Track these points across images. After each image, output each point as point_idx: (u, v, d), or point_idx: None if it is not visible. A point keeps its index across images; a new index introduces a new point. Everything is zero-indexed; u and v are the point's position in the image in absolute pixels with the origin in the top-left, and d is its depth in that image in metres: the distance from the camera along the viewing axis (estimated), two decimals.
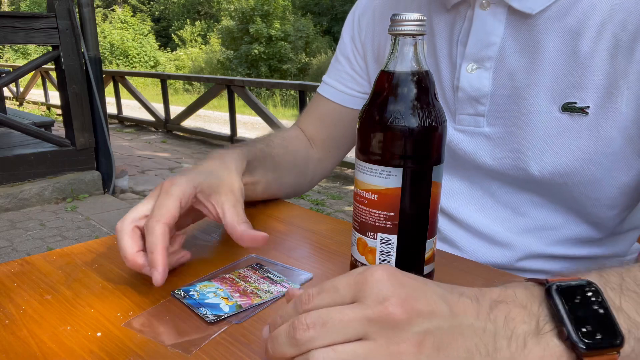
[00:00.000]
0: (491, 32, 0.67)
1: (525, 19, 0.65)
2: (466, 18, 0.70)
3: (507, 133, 0.68)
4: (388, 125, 0.49)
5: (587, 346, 0.34)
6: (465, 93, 0.70)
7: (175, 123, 7.23)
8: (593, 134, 0.62)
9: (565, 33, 0.62)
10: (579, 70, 0.62)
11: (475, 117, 0.71)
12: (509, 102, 0.67)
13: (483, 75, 0.69)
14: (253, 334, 0.48)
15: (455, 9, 0.71)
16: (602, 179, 0.64)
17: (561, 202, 0.69)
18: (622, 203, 0.67)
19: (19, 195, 3.79)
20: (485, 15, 0.67)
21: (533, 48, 0.65)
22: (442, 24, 0.73)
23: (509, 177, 0.70)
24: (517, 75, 0.66)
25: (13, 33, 3.70)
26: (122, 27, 21.60)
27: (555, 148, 0.64)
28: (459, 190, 0.76)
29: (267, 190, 0.80)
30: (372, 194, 0.51)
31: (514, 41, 0.66)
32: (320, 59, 16.92)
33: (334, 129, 0.90)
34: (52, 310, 0.52)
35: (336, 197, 4.40)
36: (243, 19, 17.93)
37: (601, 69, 0.60)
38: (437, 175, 0.51)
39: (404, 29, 0.49)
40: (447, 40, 0.73)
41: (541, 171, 0.66)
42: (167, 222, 0.55)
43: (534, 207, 0.70)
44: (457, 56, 0.71)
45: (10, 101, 10.53)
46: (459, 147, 0.73)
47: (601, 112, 0.61)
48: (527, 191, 0.70)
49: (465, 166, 0.73)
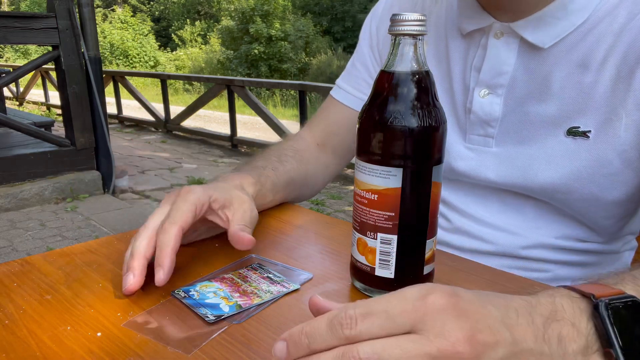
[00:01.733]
0: (504, 62, 0.71)
1: (536, 52, 0.68)
2: (480, 45, 0.73)
3: (513, 153, 0.72)
4: (388, 125, 0.49)
5: None
6: (476, 116, 0.74)
7: (175, 123, 7.23)
8: (593, 157, 0.66)
9: (572, 65, 0.66)
10: (583, 98, 0.66)
11: (485, 138, 0.74)
12: (517, 125, 0.71)
13: (495, 101, 0.72)
14: (253, 334, 0.48)
15: (470, 36, 0.75)
16: (599, 196, 0.68)
17: (562, 211, 0.72)
18: (618, 214, 0.71)
19: (19, 195, 3.79)
20: (499, 45, 0.71)
21: (542, 78, 0.68)
22: (457, 48, 0.77)
23: (513, 190, 0.73)
24: (526, 102, 0.70)
25: (13, 33, 3.70)
26: (122, 27, 21.60)
27: (557, 168, 0.68)
28: (467, 191, 0.79)
29: (274, 203, 0.81)
30: (372, 194, 0.51)
31: (525, 70, 0.70)
32: (320, 59, 16.93)
33: (346, 134, 0.90)
34: (52, 310, 0.52)
35: (336, 197, 4.41)
36: (243, 19, 17.93)
37: (603, 97, 0.64)
38: (437, 175, 0.51)
39: (404, 29, 0.49)
40: (461, 64, 0.76)
41: (543, 188, 0.70)
42: (182, 225, 0.56)
43: (539, 212, 0.74)
44: (471, 80, 0.75)
45: (10, 101, 10.53)
46: (467, 163, 0.76)
47: (601, 136, 0.65)
48: (531, 199, 0.73)
49: (473, 177, 0.76)
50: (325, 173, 0.93)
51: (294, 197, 0.86)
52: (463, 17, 0.75)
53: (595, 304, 0.37)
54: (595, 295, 0.37)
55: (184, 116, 7.11)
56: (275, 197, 0.79)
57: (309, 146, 0.91)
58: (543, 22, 0.67)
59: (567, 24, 0.66)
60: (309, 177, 0.88)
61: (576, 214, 0.71)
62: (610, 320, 0.36)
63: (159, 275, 0.53)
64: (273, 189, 0.77)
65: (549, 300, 0.38)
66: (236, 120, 6.32)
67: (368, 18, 0.92)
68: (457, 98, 0.77)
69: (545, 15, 0.66)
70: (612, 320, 0.36)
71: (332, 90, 0.93)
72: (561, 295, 0.39)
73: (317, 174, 0.91)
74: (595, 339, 0.36)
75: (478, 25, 0.72)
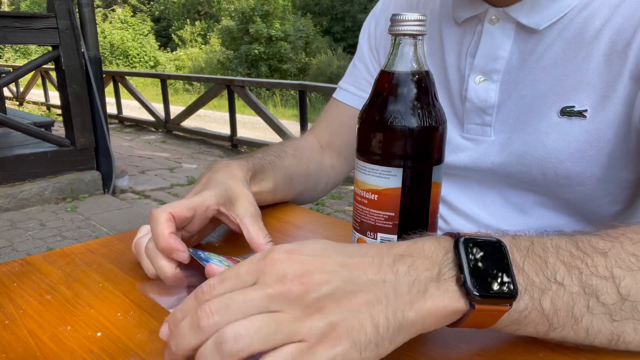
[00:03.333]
0: (499, 46, 0.70)
1: (531, 34, 0.67)
2: (475, 32, 0.72)
3: (511, 140, 0.70)
4: (388, 125, 0.49)
5: (479, 294, 0.37)
6: (472, 104, 0.73)
7: (175, 123, 7.23)
8: (591, 137, 0.64)
9: (565, 42, 0.65)
10: (576, 75, 0.64)
11: (483, 127, 0.73)
12: (514, 111, 0.70)
13: (490, 87, 0.71)
14: None
15: (465, 23, 0.74)
16: (602, 177, 0.66)
17: (565, 203, 0.70)
18: (623, 199, 0.69)
19: (19, 195, 3.79)
20: (494, 30, 0.70)
21: (537, 59, 0.67)
22: (452, 37, 0.76)
23: (513, 179, 0.72)
24: (522, 85, 0.69)
25: (13, 33, 3.70)
26: (122, 27, 21.60)
27: (556, 153, 0.66)
28: (465, 188, 0.78)
29: (275, 199, 0.80)
30: (372, 194, 0.51)
31: (520, 54, 0.69)
32: (320, 59, 16.93)
33: (351, 135, 0.88)
34: (52, 310, 0.52)
35: (336, 197, 4.41)
36: (243, 19, 17.93)
37: (597, 72, 0.62)
38: (437, 175, 0.51)
39: (404, 29, 0.49)
40: (456, 52, 0.75)
41: (544, 174, 0.68)
42: (172, 211, 0.55)
43: (538, 207, 0.72)
44: (466, 68, 0.74)
45: (10, 101, 10.54)
46: (466, 154, 0.75)
47: (599, 115, 0.63)
48: (532, 192, 0.71)
49: (472, 169, 0.75)
50: (331, 174, 0.92)
51: (296, 195, 0.85)
52: (457, 6, 0.74)
53: (456, 239, 0.40)
54: (459, 234, 0.40)
55: (184, 116, 7.11)
56: (275, 187, 0.77)
57: (311, 146, 0.90)
58: (538, 4, 0.66)
59: (563, 5, 0.65)
60: (311, 177, 0.87)
61: (579, 206, 0.69)
62: (467, 250, 0.39)
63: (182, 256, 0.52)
64: (268, 176, 0.75)
65: (411, 242, 0.40)
66: (236, 120, 6.32)
67: (368, 18, 0.92)
68: (453, 87, 0.76)
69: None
70: (469, 251, 0.39)
71: (335, 93, 0.92)
72: (427, 238, 0.41)
73: (321, 175, 0.90)
74: (452, 267, 0.38)
75: (473, 12, 0.72)
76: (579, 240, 0.43)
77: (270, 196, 0.77)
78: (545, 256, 0.41)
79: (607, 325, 0.41)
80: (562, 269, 0.40)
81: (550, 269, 0.40)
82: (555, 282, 0.40)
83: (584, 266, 0.41)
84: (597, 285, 0.40)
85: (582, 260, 0.41)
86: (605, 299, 0.40)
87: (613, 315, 0.40)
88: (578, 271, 0.40)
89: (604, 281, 0.40)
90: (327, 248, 0.39)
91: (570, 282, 0.40)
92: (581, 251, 0.41)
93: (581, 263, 0.41)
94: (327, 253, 0.39)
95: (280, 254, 0.37)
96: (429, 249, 0.39)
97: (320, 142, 0.92)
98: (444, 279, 0.38)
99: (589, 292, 0.40)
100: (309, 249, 0.39)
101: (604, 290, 0.40)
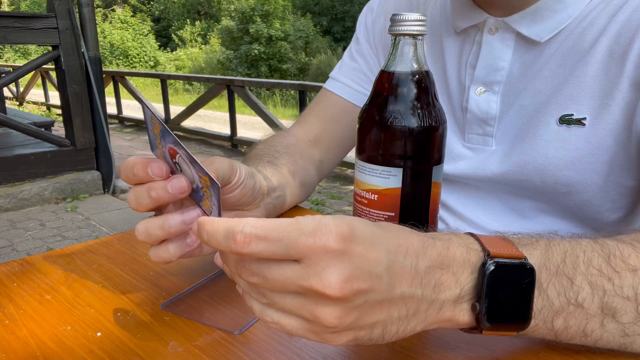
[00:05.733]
0: (499, 57, 0.69)
1: (533, 45, 0.67)
2: (475, 42, 0.72)
3: (512, 149, 0.70)
4: (388, 125, 0.49)
5: (490, 324, 0.38)
6: (473, 115, 0.72)
7: (175, 123, 7.23)
8: (591, 145, 0.64)
9: (564, 52, 0.65)
10: (574, 82, 0.64)
11: (484, 137, 0.73)
12: (515, 121, 0.70)
13: (491, 98, 0.71)
14: (253, 334, 0.48)
15: (464, 33, 0.73)
16: (602, 184, 0.66)
17: (566, 210, 0.70)
18: (624, 205, 0.68)
19: (19, 195, 3.79)
20: (494, 40, 0.69)
21: (538, 70, 0.67)
22: (452, 46, 0.75)
23: (514, 187, 0.72)
24: (523, 95, 0.68)
25: (13, 33, 3.70)
26: (122, 27, 21.61)
27: (555, 161, 0.66)
28: (466, 194, 0.77)
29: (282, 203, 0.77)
30: (372, 194, 0.51)
31: (521, 65, 0.68)
32: (320, 58, 16.92)
33: (342, 129, 0.87)
34: (52, 310, 0.52)
35: (336, 197, 4.40)
36: (243, 19, 17.93)
37: (594, 80, 0.62)
38: (437, 175, 0.51)
39: (404, 29, 0.49)
40: (456, 62, 0.75)
41: (544, 183, 0.68)
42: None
43: (539, 213, 0.72)
44: (466, 78, 0.73)
45: (10, 101, 10.54)
46: (467, 163, 0.75)
47: (598, 123, 0.63)
48: (532, 199, 0.71)
49: (472, 177, 0.75)
50: (319, 169, 0.87)
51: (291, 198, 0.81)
52: (456, 15, 0.74)
53: (484, 261, 0.39)
54: (490, 254, 0.39)
55: (184, 116, 7.11)
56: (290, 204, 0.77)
57: (300, 142, 0.86)
58: (539, 15, 0.65)
59: (564, 16, 0.64)
60: (307, 177, 0.84)
61: (579, 212, 0.69)
62: (490, 279, 0.38)
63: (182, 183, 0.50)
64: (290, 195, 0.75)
65: (444, 246, 0.39)
66: (236, 120, 6.32)
67: (363, 12, 0.90)
68: (454, 97, 0.75)
69: (541, 8, 0.65)
70: (492, 279, 0.38)
71: (326, 84, 0.88)
72: (459, 244, 0.40)
73: (313, 172, 0.86)
74: (471, 291, 0.39)
75: (472, 22, 0.71)
76: (612, 254, 0.42)
77: (287, 208, 0.77)
78: (573, 275, 0.41)
79: (617, 339, 0.41)
80: (587, 290, 0.40)
81: (575, 289, 0.40)
82: (575, 303, 0.40)
83: (610, 286, 0.41)
84: (618, 305, 0.40)
85: (609, 279, 0.41)
86: (622, 318, 0.40)
87: (626, 331, 0.41)
88: (602, 292, 0.40)
89: (626, 302, 0.40)
90: (377, 235, 0.37)
91: (591, 303, 0.40)
92: (612, 267, 0.41)
93: (608, 283, 0.41)
94: (378, 245, 0.36)
95: (333, 242, 0.34)
96: (459, 259, 0.39)
97: (308, 136, 0.88)
98: (460, 302, 0.39)
99: (607, 312, 0.40)
100: (363, 237, 0.35)
101: (623, 310, 0.40)
